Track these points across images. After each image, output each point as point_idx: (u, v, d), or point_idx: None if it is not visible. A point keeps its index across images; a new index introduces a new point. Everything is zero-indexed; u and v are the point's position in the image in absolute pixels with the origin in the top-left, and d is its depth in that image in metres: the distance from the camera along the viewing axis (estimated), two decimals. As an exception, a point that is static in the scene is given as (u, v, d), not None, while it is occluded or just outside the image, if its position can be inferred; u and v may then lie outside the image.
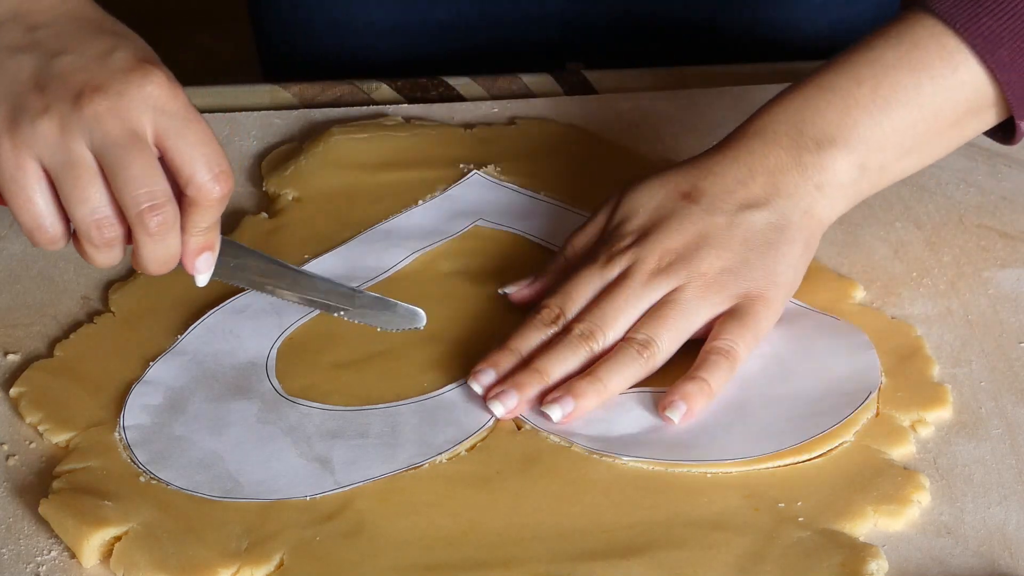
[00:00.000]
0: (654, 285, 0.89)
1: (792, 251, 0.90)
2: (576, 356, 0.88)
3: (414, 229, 1.02)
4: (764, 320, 0.89)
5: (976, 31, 0.89)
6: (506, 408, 0.87)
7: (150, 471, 0.85)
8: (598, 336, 0.88)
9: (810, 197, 0.90)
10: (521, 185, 1.05)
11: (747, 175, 0.91)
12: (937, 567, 0.80)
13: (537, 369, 0.88)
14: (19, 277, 0.98)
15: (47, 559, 0.81)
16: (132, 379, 0.90)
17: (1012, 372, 0.91)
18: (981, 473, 0.85)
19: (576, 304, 0.90)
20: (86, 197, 0.81)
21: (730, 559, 0.80)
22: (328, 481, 0.84)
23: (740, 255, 0.89)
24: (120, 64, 0.82)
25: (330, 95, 1.15)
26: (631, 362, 0.87)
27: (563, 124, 1.11)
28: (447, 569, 0.80)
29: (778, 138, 0.91)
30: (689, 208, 0.91)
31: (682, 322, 0.89)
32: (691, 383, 0.87)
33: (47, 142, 0.80)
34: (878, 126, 0.90)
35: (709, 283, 0.89)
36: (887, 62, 0.90)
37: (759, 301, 0.89)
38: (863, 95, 0.90)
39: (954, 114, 0.91)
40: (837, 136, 0.90)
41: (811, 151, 0.90)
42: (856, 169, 0.91)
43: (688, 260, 0.89)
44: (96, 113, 0.80)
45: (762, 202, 0.90)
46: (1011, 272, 0.98)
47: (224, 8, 2.48)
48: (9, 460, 0.87)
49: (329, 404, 0.89)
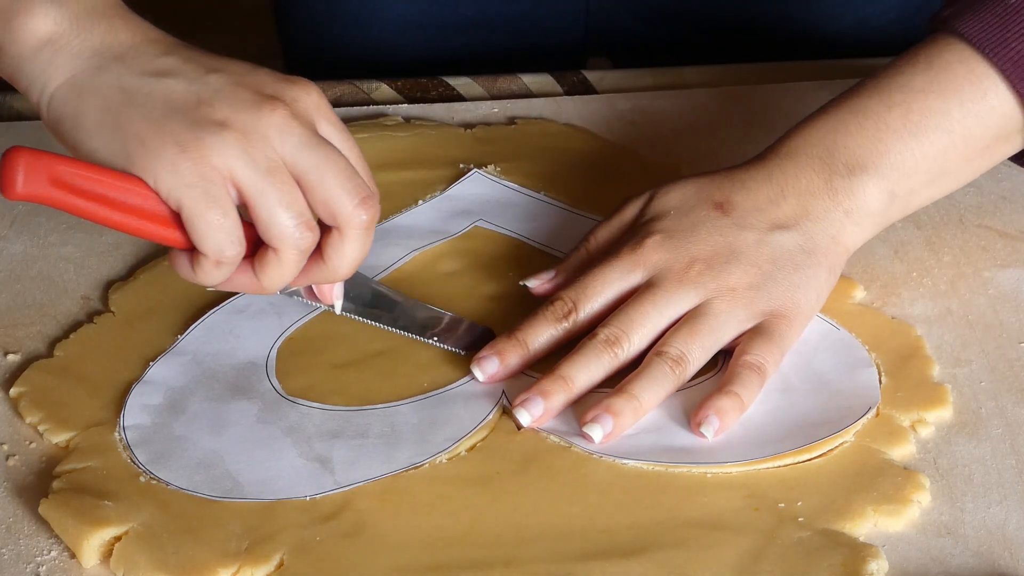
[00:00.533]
0: (682, 295, 0.88)
1: (817, 275, 0.90)
2: (600, 363, 0.87)
3: (414, 228, 1.02)
4: (788, 340, 0.89)
5: (1005, 55, 0.89)
6: (532, 416, 0.86)
7: (150, 471, 0.85)
8: (623, 343, 0.87)
9: (839, 223, 0.90)
10: (521, 185, 1.05)
11: (779, 195, 0.91)
12: (937, 567, 0.80)
13: (562, 376, 0.87)
14: (19, 277, 0.98)
15: (47, 559, 0.81)
16: (132, 379, 0.90)
17: (1012, 372, 0.91)
18: (981, 473, 0.85)
19: (591, 301, 0.89)
20: (292, 201, 0.79)
21: (730, 559, 0.80)
22: (328, 481, 0.84)
23: (767, 273, 0.89)
24: (274, 76, 0.81)
25: (330, 95, 1.15)
26: (663, 378, 0.87)
27: (563, 124, 1.11)
28: (447, 569, 0.80)
29: (811, 161, 0.91)
30: (720, 219, 0.90)
31: (712, 337, 0.88)
32: (726, 398, 0.86)
33: (239, 153, 0.78)
34: (909, 152, 0.90)
35: (737, 298, 0.88)
36: (916, 86, 0.90)
37: (783, 321, 0.89)
38: (894, 120, 0.90)
39: (984, 140, 0.91)
40: (868, 163, 0.90)
41: (842, 176, 0.90)
42: (886, 196, 0.90)
43: (717, 272, 0.89)
44: (283, 119, 0.79)
45: (792, 224, 0.90)
46: (1011, 272, 0.98)
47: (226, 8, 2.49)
48: (9, 460, 0.87)
49: (329, 404, 0.89)
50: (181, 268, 0.81)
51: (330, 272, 0.83)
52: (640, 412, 0.86)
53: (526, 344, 0.89)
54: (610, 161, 1.08)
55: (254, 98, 0.80)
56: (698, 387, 0.90)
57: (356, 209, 0.81)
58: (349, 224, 0.81)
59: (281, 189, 0.79)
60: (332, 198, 0.80)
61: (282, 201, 0.79)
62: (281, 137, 0.79)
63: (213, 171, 0.78)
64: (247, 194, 0.79)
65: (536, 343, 0.89)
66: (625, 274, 0.90)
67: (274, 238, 0.80)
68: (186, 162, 0.78)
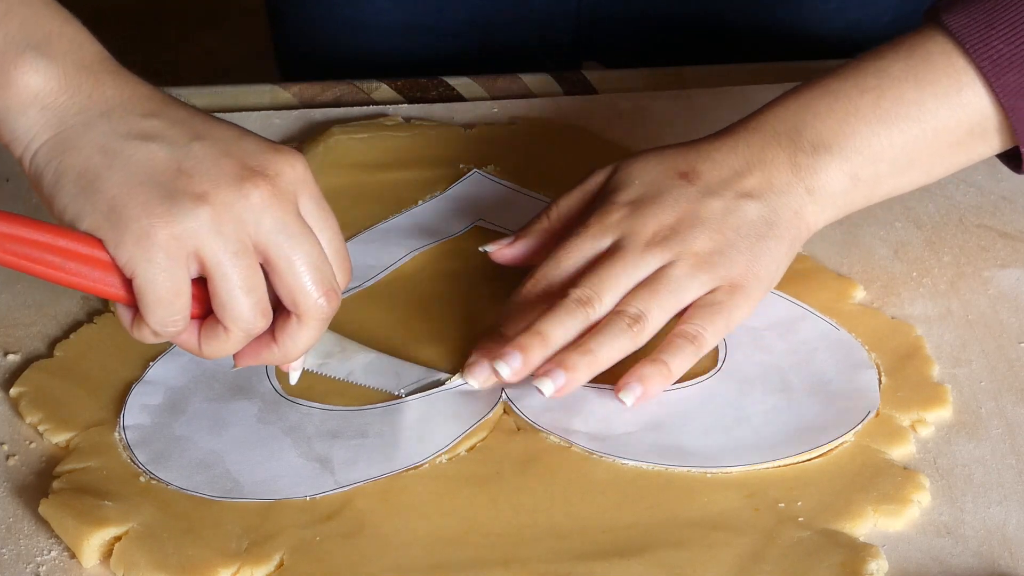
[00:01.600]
0: (648, 257, 0.89)
1: (779, 247, 0.90)
2: (575, 321, 0.87)
3: (414, 229, 1.02)
4: (738, 310, 0.89)
5: (985, 53, 0.88)
6: (512, 370, 0.86)
7: (150, 471, 0.85)
8: (595, 303, 0.88)
9: (801, 199, 0.90)
10: (521, 185, 1.05)
11: (744, 166, 0.91)
12: (937, 567, 0.80)
13: (539, 332, 0.87)
14: (19, 277, 0.98)
15: (47, 559, 0.81)
16: (132, 379, 0.90)
17: (1012, 372, 0.91)
18: (981, 473, 0.85)
19: (566, 273, 0.90)
20: (253, 286, 0.78)
21: (730, 559, 0.80)
22: (328, 481, 0.84)
23: (731, 241, 0.89)
24: (260, 146, 0.80)
25: (330, 95, 1.15)
26: (620, 334, 0.87)
27: (563, 124, 1.11)
28: (447, 569, 0.80)
29: (777, 136, 0.91)
30: (685, 187, 0.91)
31: (672, 298, 0.88)
32: (651, 365, 0.87)
33: (209, 231, 0.77)
34: (875, 137, 0.90)
35: (700, 262, 0.89)
36: (894, 74, 0.90)
37: (739, 291, 0.89)
38: (865, 104, 0.90)
39: (956, 134, 0.90)
40: (833, 143, 0.90)
41: (806, 153, 0.90)
42: (848, 178, 0.90)
43: (683, 237, 0.89)
44: (263, 199, 0.78)
45: (756, 194, 0.90)
46: (1011, 272, 0.98)
47: (224, 8, 2.49)
48: (9, 460, 0.87)
49: (329, 404, 0.89)
50: (122, 318, 0.80)
51: (279, 355, 0.82)
52: (595, 366, 0.86)
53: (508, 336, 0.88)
54: (610, 161, 1.08)
55: (237, 171, 0.78)
56: (697, 387, 0.90)
57: (319, 300, 0.80)
58: (309, 314, 0.80)
59: (244, 273, 0.78)
60: (298, 287, 0.79)
61: (243, 285, 0.78)
62: (258, 218, 0.78)
63: (179, 248, 0.77)
64: (210, 271, 0.78)
65: (516, 331, 0.88)
66: (594, 242, 0.90)
67: (227, 318, 0.79)
68: (154, 235, 0.76)
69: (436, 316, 0.94)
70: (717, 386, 0.90)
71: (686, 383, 0.90)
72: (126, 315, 0.80)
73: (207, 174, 0.78)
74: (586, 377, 0.87)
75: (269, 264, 0.79)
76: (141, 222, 0.77)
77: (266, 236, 0.78)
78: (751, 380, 0.90)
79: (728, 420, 0.88)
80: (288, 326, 0.80)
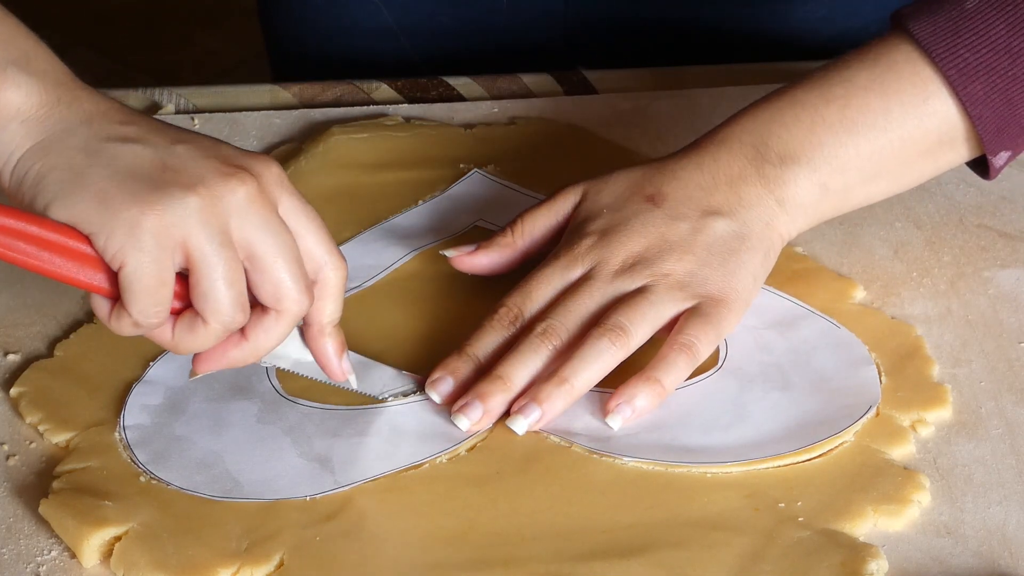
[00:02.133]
0: (618, 284, 0.88)
1: (752, 260, 0.89)
2: (538, 356, 0.87)
3: (414, 229, 1.02)
4: (726, 323, 0.88)
5: (951, 62, 0.88)
6: (471, 421, 0.86)
7: (150, 471, 0.85)
8: (560, 331, 0.87)
9: (771, 210, 0.90)
10: (521, 185, 1.05)
11: (710, 182, 0.90)
12: (937, 567, 0.80)
13: (499, 376, 0.86)
14: (19, 277, 0.98)
15: (47, 559, 0.81)
16: (132, 379, 0.90)
17: (1012, 372, 0.91)
18: (981, 473, 0.85)
19: (535, 303, 0.89)
20: (235, 279, 0.79)
21: (730, 559, 0.80)
22: (328, 481, 0.84)
23: (702, 260, 0.89)
24: (238, 151, 0.81)
25: (330, 95, 1.15)
26: (602, 352, 0.86)
27: (563, 124, 1.11)
28: (447, 569, 0.80)
29: (743, 148, 0.91)
30: (652, 212, 0.90)
31: (652, 311, 0.87)
32: (644, 385, 0.86)
33: (198, 220, 0.77)
34: (842, 147, 0.89)
35: (674, 283, 0.88)
36: (859, 83, 0.90)
37: (721, 304, 0.88)
38: (831, 114, 0.90)
39: (923, 143, 0.90)
40: (800, 154, 0.90)
41: (774, 165, 0.90)
42: (818, 188, 0.90)
43: (651, 263, 0.89)
44: (248, 195, 0.79)
45: (724, 211, 0.90)
46: (1011, 272, 0.98)
47: (224, 8, 2.49)
48: (9, 460, 0.87)
49: (329, 404, 0.89)
50: (98, 309, 0.80)
51: (250, 352, 0.82)
52: (572, 395, 0.86)
53: (477, 357, 0.88)
54: (610, 161, 1.07)
55: (223, 168, 0.79)
56: (698, 385, 0.90)
57: (301, 296, 0.80)
58: (290, 311, 0.81)
59: (229, 265, 0.78)
60: (281, 282, 0.80)
61: (226, 277, 0.78)
62: (242, 214, 0.79)
63: (168, 237, 0.77)
64: (194, 262, 0.78)
65: (486, 353, 0.88)
66: (564, 273, 0.90)
67: (207, 310, 0.79)
68: (144, 223, 0.77)
69: (436, 316, 0.94)
70: (718, 384, 0.90)
71: (687, 382, 0.89)
72: (103, 306, 0.80)
73: (194, 170, 0.79)
74: (563, 408, 0.86)
75: (252, 259, 0.79)
76: (132, 211, 0.77)
77: (251, 232, 0.79)
78: (752, 378, 0.90)
79: (729, 418, 0.88)
80: (264, 320, 0.81)
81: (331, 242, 0.83)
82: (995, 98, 0.88)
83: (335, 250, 0.83)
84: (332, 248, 0.83)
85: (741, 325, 0.93)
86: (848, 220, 1.00)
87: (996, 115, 0.89)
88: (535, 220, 0.94)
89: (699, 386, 0.90)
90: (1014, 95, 0.88)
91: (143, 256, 0.77)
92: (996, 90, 0.88)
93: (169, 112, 1.12)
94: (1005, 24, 0.88)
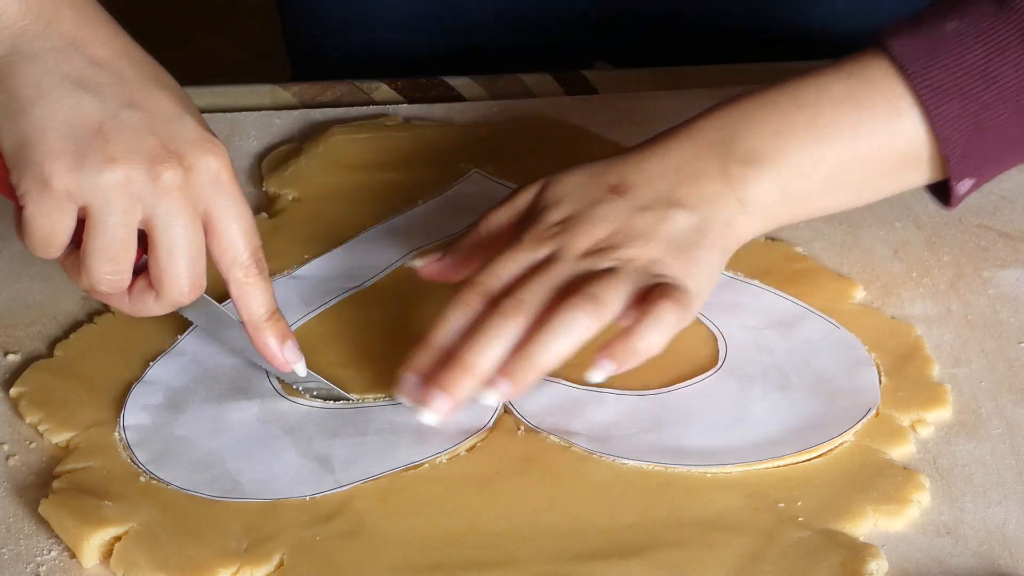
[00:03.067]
0: (585, 264, 0.87)
1: (711, 256, 0.88)
2: (503, 338, 0.84)
3: (414, 228, 1.02)
4: (691, 308, 0.86)
5: (925, 81, 0.87)
6: (439, 414, 0.84)
7: (150, 471, 0.85)
8: (525, 309, 0.84)
9: (732, 209, 0.89)
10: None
11: (674, 176, 0.90)
12: (937, 567, 0.80)
13: (462, 364, 0.84)
14: (19, 277, 0.98)
15: (47, 559, 0.81)
16: (132, 379, 0.90)
17: (1012, 372, 0.91)
18: (981, 473, 0.85)
19: (501, 280, 0.86)
20: (116, 258, 0.83)
21: (730, 559, 0.80)
22: (328, 481, 0.84)
23: (663, 249, 0.87)
24: (190, 133, 0.83)
25: (330, 95, 1.15)
26: (573, 323, 0.83)
27: (563, 124, 1.11)
28: (447, 569, 0.80)
29: (710, 145, 0.90)
30: (616, 201, 0.90)
31: (624, 286, 0.85)
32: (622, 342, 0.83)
33: (106, 194, 0.80)
34: (808, 154, 0.89)
35: (639, 268, 0.87)
36: (833, 93, 0.89)
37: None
38: (800, 121, 0.89)
39: (889, 160, 0.89)
40: (765, 156, 0.89)
41: (738, 164, 0.89)
42: (778, 191, 0.89)
43: (617, 249, 0.87)
44: (168, 185, 0.81)
45: (688, 204, 0.89)
46: (1011, 272, 0.98)
47: (224, 8, 2.48)
48: (9, 460, 0.87)
49: (329, 404, 0.89)
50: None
51: (125, 308, 0.87)
52: (544, 367, 0.83)
53: (441, 347, 0.85)
54: (610, 161, 1.08)
55: (154, 152, 0.81)
56: (698, 386, 0.90)
57: (182, 292, 0.84)
58: (167, 299, 0.85)
59: (115, 245, 0.82)
60: (164, 275, 0.84)
61: (110, 255, 0.83)
62: (154, 201, 0.82)
63: (68, 199, 0.81)
64: (88, 226, 0.82)
65: (451, 339, 0.85)
66: (529, 254, 0.87)
67: (86, 267, 0.83)
68: (52, 182, 0.80)
69: (436, 316, 0.94)
70: (717, 385, 0.90)
71: (686, 383, 0.90)
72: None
73: (126, 143, 0.81)
74: (535, 380, 0.83)
75: (151, 242, 0.83)
76: (44, 167, 0.81)
77: (156, 218, 0.82)
78: (751, 379, 0.90)
79: (728, 419, 0.88)
80: (146, 295, 0.85)
81: (251, 237, 0.85)
82: (965, 121, 0.88)
83: (251, 245, 0.85)
84: (248, 243, 0.85)
85: (741, 325, 0.93)
86: (848, 220, 1.00)
87: (964, 138, 0.88)
88: (498, 217, 0.92)
89: (699, 387, 0.90)
90: (984, 121, 0.88)
91: (39, 209, 0.81)
92: (967, 113, 0.88)
93: (169, 112, 1.12)
94: (983, 49, 0.87)
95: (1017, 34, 0.87)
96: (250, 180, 1.07)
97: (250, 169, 1.08)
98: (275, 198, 1.05)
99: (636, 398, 0.89)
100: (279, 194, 1.05)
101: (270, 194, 1.06)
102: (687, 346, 0.91)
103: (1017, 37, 0.87)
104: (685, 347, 0.91)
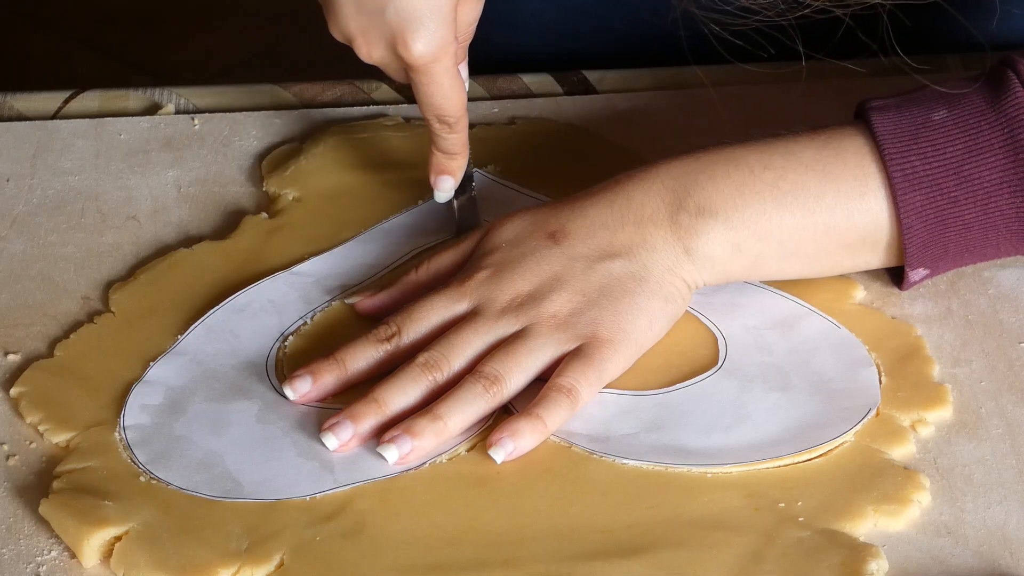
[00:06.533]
0: (503, 323, 0.88)
1: (649, 304, 0.88)
2: (417, 386, 0.86)
3: (414, 228, 1.02)
4: (610, 364, 0.87)
5: (900, 166, 0.87)
6: (339, 440, 0.85)
7: (150, 471, 0.85)
8: (442, 366, 0.86)
9: (675, 256, 0.89)
10: (521, 185, 1.05)
11: (617, 222, 0.90)
12: (937, 567, 0.80)
13: (375, 399, 0.86)
14: (19, 277, 0.98)
15: (47, 559, 0.81)
16: (132, 379, 0.90)
17: (1012, 372, 0.91)
18: (981, 473, 0.85)
19: (416, 326, 0.88)
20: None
21: (730, 559, 0.80)
22: (328, 481, 0.84)
23: (592, 300, 0.88)
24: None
25: (330, 95, 1.15)
26: (475, 398, 0.85)
27: (563, 124, 1.11)
28: (447, 569, 0.80)
29: (664, 191, 0.89)
30: (550, 249, 0.90)
31: (529, 359, 0.87)
32: (526, 420, 0.85)
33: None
34: (765, 215, 0.88)
35: (557, 324, 0.87)
36: (802, 159, 0.89)
37: (607, 345, 0.87)
38: (764, 181, 0.88)
39: (847, 237, 0.89)
40: (720, 210, 0.88)
41: (690, 214, 0.89)
42: (730, 247, 0.89)
43: (539, 302, 0.88)
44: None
45: (624, 252, 0.89)
46: (1011, 272, 0.98)
47: (224, 8, 2.49)
48: (9, 460, 0.87)
49: (329, 404, 0.89)
50: None
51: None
52: (444, 433, 0.85)
53: (344, 364, 0.88)
54: (610, 161, 1.07)
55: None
56: (698, 386, 0.90)
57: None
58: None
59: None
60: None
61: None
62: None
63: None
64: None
65: (355, 364, 0.88)
66: (451, 304, 0.89)
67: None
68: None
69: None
70: (717, 385, 0.90)
71: (686, 383, 0.90)
72: None
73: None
74: (434, 445, 0.85)
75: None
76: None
77: None
78: (751, 379, 0.90)
79: (729, 419, 0.88)
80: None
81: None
82: (930, 214, 0.87)
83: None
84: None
85: (741, 325, 0.93)
86: (848, 220, 1.00)
87: (926, 230, 0.88)
88: (439, 261, 0.93)
89: (699, 387, 0.90)
90: (949, 216, 0.88)
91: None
92: (933, 206, 0.87)
93: (169, 112, 1.12)
94: (964, 144, 0.87)
95: (1000, 136, 0.87)
96: (250, 180, 1.07)
97: (250, 169, 1.08)
98: (275, 198, 1.05)
99: (636, 398, 0.89)
100: (279, 194, 1.05)
101: (270, 194, 1.06)
102: (687, 346, 0.91)
103: (1000, 139, 0.87)
104: (685, 347, 0.91)
